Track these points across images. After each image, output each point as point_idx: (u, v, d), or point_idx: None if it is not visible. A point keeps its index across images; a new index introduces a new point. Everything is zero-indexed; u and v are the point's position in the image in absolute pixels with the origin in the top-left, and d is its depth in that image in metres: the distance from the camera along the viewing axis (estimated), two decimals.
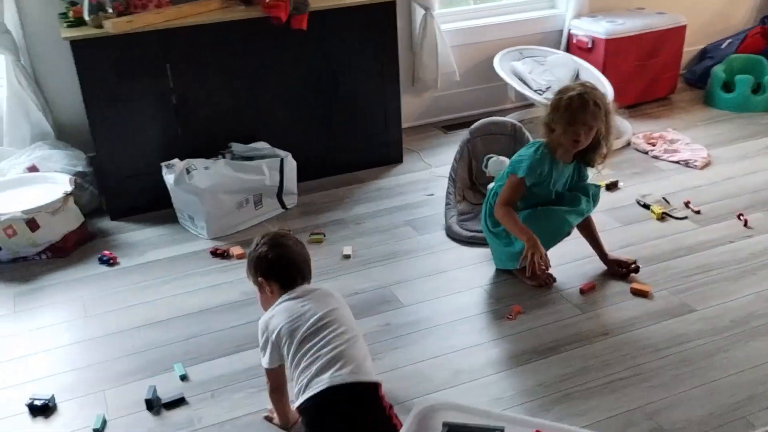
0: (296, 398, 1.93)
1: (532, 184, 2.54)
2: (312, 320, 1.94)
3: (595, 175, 2.77)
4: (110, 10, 3.04)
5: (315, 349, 1.91)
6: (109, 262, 2.97)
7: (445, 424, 1.78)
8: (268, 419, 2.12)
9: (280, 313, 1.98)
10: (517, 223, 2.55)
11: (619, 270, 2.72)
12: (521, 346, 2.38)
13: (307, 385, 1.89)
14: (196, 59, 3.19)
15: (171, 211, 3.28)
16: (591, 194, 2.67)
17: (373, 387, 1.93)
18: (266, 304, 2.07)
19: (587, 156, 2.57)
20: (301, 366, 1.91)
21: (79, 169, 3.30)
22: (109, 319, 2.63)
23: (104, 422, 2.13)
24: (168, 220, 3.29)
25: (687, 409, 2.07)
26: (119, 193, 3.30)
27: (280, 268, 2.03)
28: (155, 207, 3.33)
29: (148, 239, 3.16)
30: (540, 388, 2.18)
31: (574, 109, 2.44)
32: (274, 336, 1.96)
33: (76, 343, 2.51)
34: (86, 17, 3.04)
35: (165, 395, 2.22)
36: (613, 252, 2.80)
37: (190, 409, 2.18)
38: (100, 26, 3.00)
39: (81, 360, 2.42)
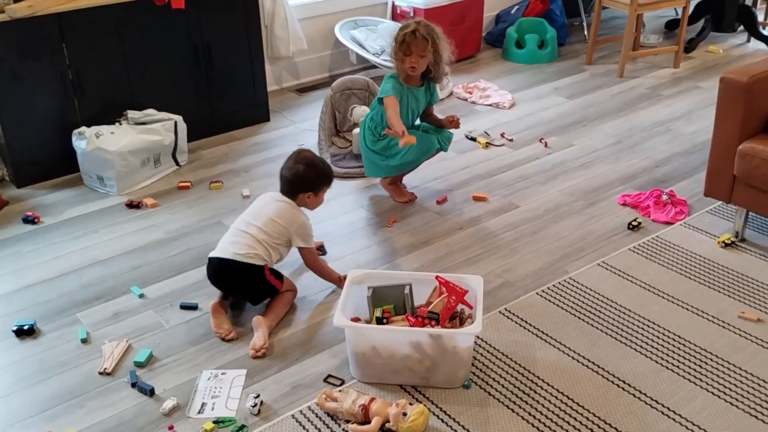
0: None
1: None
2: None
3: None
4: None
5: None
6: (33, 221, 3.34)
7: (369, 287, 2.51)
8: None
9: None
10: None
11: (451, 122, 3.37)
12: (401, 243, 3.15)
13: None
14: (90, 38, 3.58)
15: (76, 176, 3.68)
16: (448, 138, 3.45)
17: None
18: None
19: (429, 76, 3.28)
20: None
21: None
22: (55, 264, 3.04)
23: (87, 333, 2.63)
24: (73, 183, 3.67)
25: (523, 268, 2.95)
26: (24, 163, 3.62)
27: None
28: (59, 173, 3.70)
29: (60, 201, 3.54)
30: (422, 268, 2.96)
31: (408, 42, 3.12)
32: None
33: (34, 284, 2.91)
34: None
35: (129, 313, 2.74)
36: (453, 176, 3.67)
37: (156, 316, 2.72)
38: (1, 11, 3.33)
39: (43, 296, 2.84)
